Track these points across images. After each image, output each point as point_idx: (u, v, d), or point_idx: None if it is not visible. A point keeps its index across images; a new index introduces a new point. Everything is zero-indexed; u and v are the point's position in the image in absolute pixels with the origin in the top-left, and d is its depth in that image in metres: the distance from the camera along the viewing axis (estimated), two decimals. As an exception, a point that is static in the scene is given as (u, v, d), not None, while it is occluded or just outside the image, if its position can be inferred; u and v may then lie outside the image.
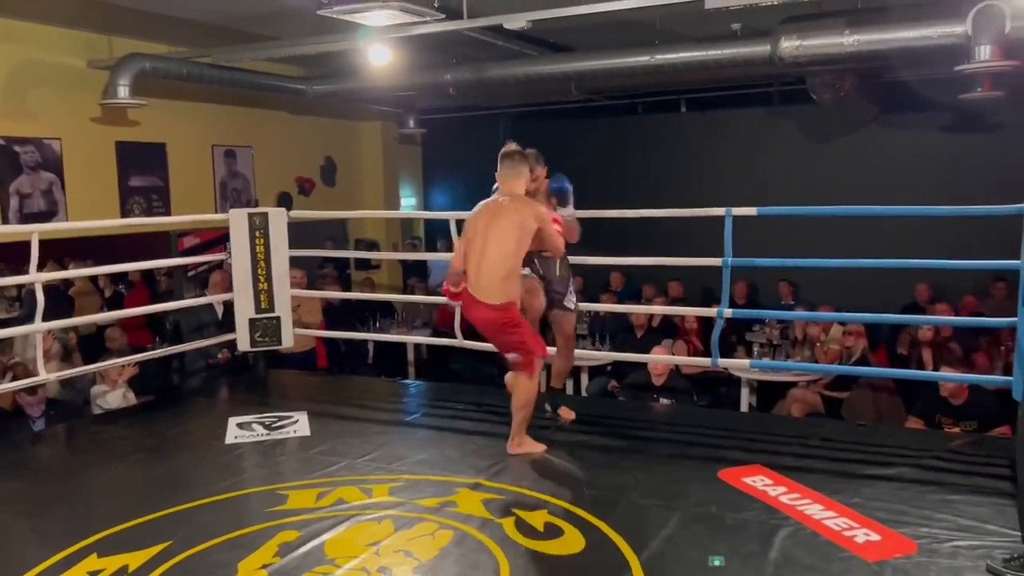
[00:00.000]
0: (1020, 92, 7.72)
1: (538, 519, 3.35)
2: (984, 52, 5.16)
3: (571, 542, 3.15)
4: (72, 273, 6.66)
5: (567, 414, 4.73)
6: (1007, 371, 6.31)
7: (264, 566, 3.00)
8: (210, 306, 6.12)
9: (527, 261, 4.18)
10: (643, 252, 5.35)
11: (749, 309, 8.35)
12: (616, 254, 5.33)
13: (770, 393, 6.81)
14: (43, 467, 4.53)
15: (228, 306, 6.10)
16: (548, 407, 4.73)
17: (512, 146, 4.11)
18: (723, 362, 5.13)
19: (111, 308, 8.07)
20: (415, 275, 10.30)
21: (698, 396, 6.57)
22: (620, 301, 8.19)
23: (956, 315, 7.03)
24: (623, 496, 3.60)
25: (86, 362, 6.01)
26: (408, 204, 12.08)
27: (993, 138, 8.75)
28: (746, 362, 5.67)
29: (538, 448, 4.18)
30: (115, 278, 9.12)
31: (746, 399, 6.63)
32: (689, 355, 6.96)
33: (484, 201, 4.13)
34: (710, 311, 5.09)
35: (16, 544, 3.35)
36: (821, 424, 5.34)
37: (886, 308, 7.21)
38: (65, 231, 6.55)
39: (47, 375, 4.83)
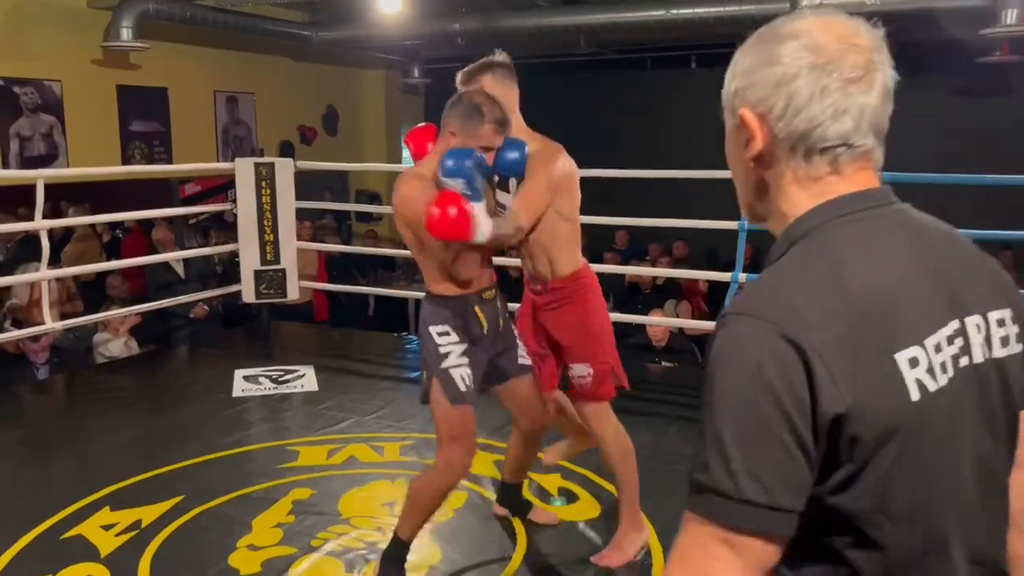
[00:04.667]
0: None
1: (552, 483, 3.34)
2: (1011, 16, 5.05)
3: (586, 508, 3.15)
4: (77, 220, 6.53)
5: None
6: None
7: (279, 524, 2.99)
8: (167, 265, 6.02)
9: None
10: (648, 210, 5.28)
11: (754, 273, 8.35)
12: (621, 212, 5.25)
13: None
14: (48, 417, 4.52)
15: (188, 263, 6.05)
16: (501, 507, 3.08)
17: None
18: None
19: (108, 254, 7.98)
20: (417, 228, 10.20)
21: (703, 356, 6.56)
22: (624, 260, 8.14)
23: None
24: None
25: (87, 308, 5.95)
26: (409, 155, 11.94)
27: (1007, 103, 8.64)
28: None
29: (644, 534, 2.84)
30: (113, 223, 9.00)
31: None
32: (693, 316, 6.94)
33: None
34: (724, 275, 5.06)
35: (25, 495, 3.33)
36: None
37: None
38: (71, 176, 6.41)
39: (53, 323, 4.77)
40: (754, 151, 0.97)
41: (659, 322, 5.78)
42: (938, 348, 0.90)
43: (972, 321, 0.95)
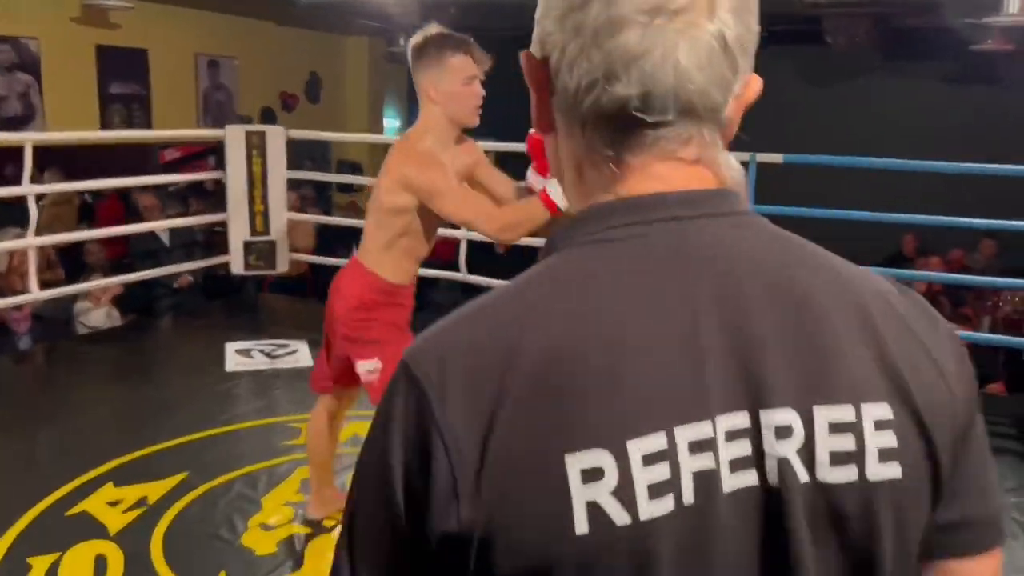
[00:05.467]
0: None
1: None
2: (1014, 5, 5.07)
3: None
4: (67, 186, 6.27)
5: None
6: (994, 327, 6.42)
7: (289, 503, 2.94)
8: (152, 232, 5.87)
9: None
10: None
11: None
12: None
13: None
14: (35, 388, 4.40)
15: (172, 231, 5.91)
16: None
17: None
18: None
19: (81, 218, 7.75)
20: (399, 200, 10.06)
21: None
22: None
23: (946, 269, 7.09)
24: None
25: (66, 274, 5.79)
26: (392, 126, 11.76)
27: (998, 91, 8.72)
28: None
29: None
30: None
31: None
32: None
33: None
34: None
35: (21, 469, 3.24)
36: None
37: (869, 258, 7.23)
38: (57, 141, 6.16)
39: (39, 292, 4.62)
40: (532, 110, 0.65)
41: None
42: (662, 456, 0.54)
43: (777, 417, 0.56)
